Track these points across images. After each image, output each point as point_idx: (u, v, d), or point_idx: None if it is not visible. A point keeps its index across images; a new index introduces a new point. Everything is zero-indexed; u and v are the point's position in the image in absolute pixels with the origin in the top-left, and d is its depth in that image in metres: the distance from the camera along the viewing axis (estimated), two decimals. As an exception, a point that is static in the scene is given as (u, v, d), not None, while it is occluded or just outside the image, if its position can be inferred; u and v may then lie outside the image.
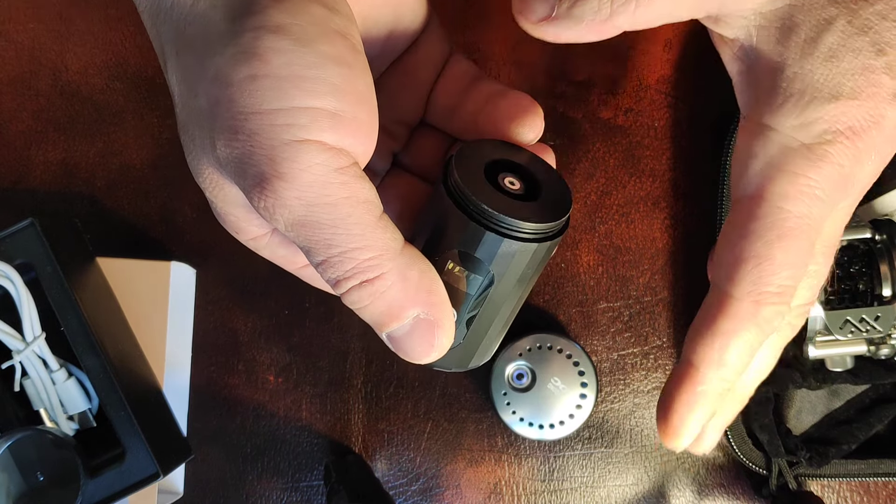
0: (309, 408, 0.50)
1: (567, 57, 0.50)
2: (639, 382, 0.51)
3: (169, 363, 0.48)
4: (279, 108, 0.24)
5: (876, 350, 0.45)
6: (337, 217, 0.25)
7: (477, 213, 0.27)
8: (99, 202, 0.50)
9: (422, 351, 0.27)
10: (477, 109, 0.32)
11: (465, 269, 0.28)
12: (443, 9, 0.50)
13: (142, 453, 0.42)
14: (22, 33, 0.51)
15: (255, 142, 0.24)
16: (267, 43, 0.24)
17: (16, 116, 0.50)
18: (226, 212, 0.29)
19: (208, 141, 0.26)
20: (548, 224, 0.27)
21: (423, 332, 0.27)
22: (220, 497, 0.50)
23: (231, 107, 0.24)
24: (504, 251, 0.27)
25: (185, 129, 0.27)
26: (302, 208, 0.25)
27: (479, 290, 0.28)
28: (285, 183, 0.24)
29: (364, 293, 0.26)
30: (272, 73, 0.24)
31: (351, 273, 0.26)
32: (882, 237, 0.45)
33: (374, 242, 0.26)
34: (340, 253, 0.26)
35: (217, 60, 0.25)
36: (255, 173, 0.25)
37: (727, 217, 0.29)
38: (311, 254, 0.26)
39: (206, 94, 0.25)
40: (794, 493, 0.48)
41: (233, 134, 0.25)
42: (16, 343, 0.42)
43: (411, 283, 0.27)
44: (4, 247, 0.42)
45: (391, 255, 0.26)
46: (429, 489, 0.51)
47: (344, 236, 0.25)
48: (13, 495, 0.39)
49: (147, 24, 0.28)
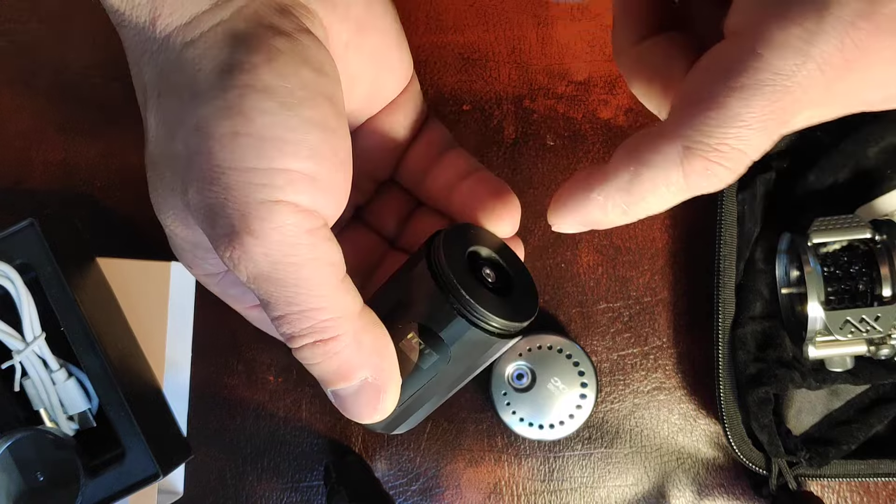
0: (309, 408, 0.50)
1: (567, 57, 0.51)
2: (639, 382, 0.51)
3: (169, 363, 0.48)
4: (257, 168, 0.25)
5: (876, 350, 0.45)
6: (300, 277, 0.25)
7: (454, 296, 0.27)
8: (99, 202, 0.50)
9: (365, 413, 0.28)
10: (449, 183, 0.33)
11: (424, 344, 0.28)
12: (443, 9, 0.51)
13: (142, 453, 0.42)
14: (22, 33, 0.51)
15: (229, 195, 0.25)
16: (253, 103, 0.25)
17: (16, 116, 0.50)
18: (183, 249, 0.29)
19: (180, 184, 0.26)
20: (515, 323, 0.28)
21: (370, 395, 0.28)
22: (220, 497, 0.50)
23: (210, 158, 0.25)
24: (468, 338, 0.28)
25: (154, 167, 0.28)
26: (267, 265, 0.25)
27: (431, 367, 0.29)
28: (254, 239, 0.25)
29: (317, 352, 0.27)
30: (254, 133, 0.25)
31: (307, 331, 0.26)
32: (882, 237, 0.45)
33: (334, 304, 0.26)
34: (299, 311, 0.26)
35: (201, 111, 0.25)
36: (225, 224, 0.25)
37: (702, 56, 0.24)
38: (270, 308, 0.26)
39: (185, 141, 0.25)
40: (794, 493, 0.48)
41: (208, 184, 0.25)
42: (16, 343, 0.42)
43: (364, 347, 0.27)
44: (4, 247, 0.42)
45: (349, 318, 0.27)
46: (429, 489, 0.51)
47: (305, 296, 0.26)
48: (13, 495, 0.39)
49: (130, 61, 0.28)
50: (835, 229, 0.45)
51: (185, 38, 0.26)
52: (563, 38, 0.50)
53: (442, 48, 0.50)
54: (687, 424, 0.51)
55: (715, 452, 0.51)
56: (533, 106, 0.50)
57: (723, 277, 0.47)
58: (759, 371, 0.47)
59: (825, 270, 0.45)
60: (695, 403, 0.51)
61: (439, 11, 0.51)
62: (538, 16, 0.50)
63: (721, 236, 0.47)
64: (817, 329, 0.45)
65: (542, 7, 0.50)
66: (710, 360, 0.48)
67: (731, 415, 0.47)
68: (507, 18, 0.51)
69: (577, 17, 0.50)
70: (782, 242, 0.47)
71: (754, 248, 0.48)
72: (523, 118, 0.50)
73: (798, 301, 0.47)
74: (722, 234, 0.47)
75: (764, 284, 0.48)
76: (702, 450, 0.51)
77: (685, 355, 0.51)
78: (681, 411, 0.51)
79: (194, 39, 0.26)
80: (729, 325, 0.47)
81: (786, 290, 0.48)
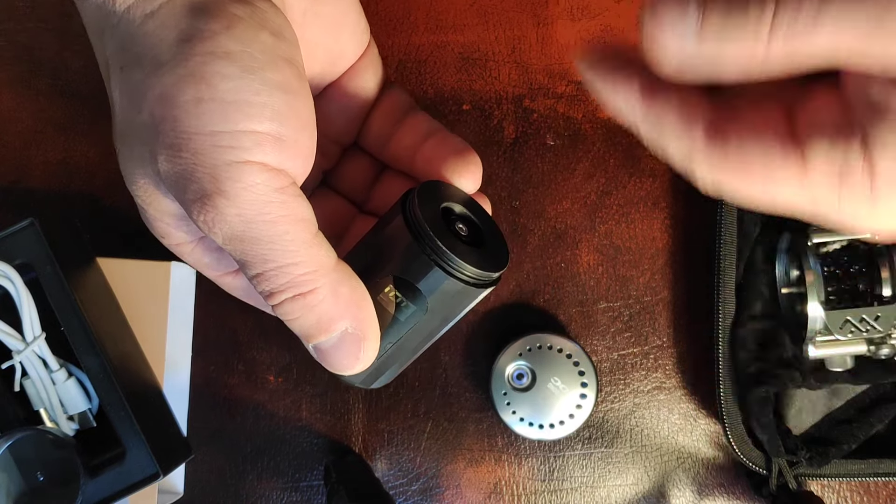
0: (309, 408, 0.50)
1: (567, 57, 0.50)
2: (639, 382, 0.51)
3: (169, 363, 0.48)
4: (223, 131, 0.25)
5: (876, 350, 0.45)
6: (274, 234, 0.26)
7: (431, 247, 0.28)
8: (99, 202, 0.50)
9: (347, 363, 0.29)
10: (413, 145, 0.34)
11: (401, 296, 0.29)
12: (443, 9, 0.51)
13: (142, 453, 0.42)
14: (22, 33, 0.51)
15: (198, 160, 0.25)
16: (215, 68, 0.25)
17: (16, 116, 0.50)
18: (155, 218, 0.30)
19: (148, 154, 0.27)
20: (489, 272, 0.29)
21: (350, 345, 0.28)
22: (220, 497, 0.50)
23: (176, 126, 0.25)
24: (445, 288, 0.29)
25: (123, 140, 0.28)
26: (241, 224, 0.26)
27: (408, 319, 0.30)
28: (226, 200, 0.25)
29: (296, 306, 0.27)
30: (218, 98, 0.25)
31: (285, 286, 0.27)
32: (882, 237, 0.45)
33: (309, 258, 0.27)
34: (276, 267, 0.27)
35: (164, 80, 0.26)
36: (197, 189, 0.26)
37: None
38: (247, 267, 0.27)
39: (150, 112, 0.26)
40: (794, 493, 0.48)
41: (176, 151, 0.26)
42: (16, 343, 0.42)
43: (342, 298, 0.28)
44: (4, 247, 0.42)
45: (325, 271, 0.27)
46: (429, 489, 0.51)
47: (280, 252, 0.26)
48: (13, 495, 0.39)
49: (92, 37, 0.29)
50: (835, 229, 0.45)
51: (145, 10, 0.26)
52: (563, 38, 0.50)
53: (442, 48, 0.50)
54: (687, 424, 0.51)
55: (715, 452, 0.51)
56: (533, 106, 0.50)
57: (723, 277, 0.47)
58: (760, 370, 0.47)
59: (825, 270, 0.45)
60: (695, 403, 0.51)
61: (439, 11, 0.51)
62: (538, 15, 0.50)
63: (721, 236, 0.47)
64: (817, 329, 0.45)
65: (542, 7, 0.50)
66: (710, 359, 0.48)
67: (731, 414, 0.47)
68: (507, 18, 0.51)
69: (577, 16, 0.51)
70: (782, 242, 0.47)
71: (754, 248, 0.48)
72: (523, 118, 0.50)
73: (798, 301, 0.47)
74: (722, 234, 0.47)
75: (764, 284, 0.48)
76: (702, 449, 0.51)
77: (685, 355, 0.51)
78: (681, 411, 0.51)
79: (154, 11, 0.26)
80: (729, 324, 0.47)
81: (786, 290, 0.48)
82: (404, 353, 0.31)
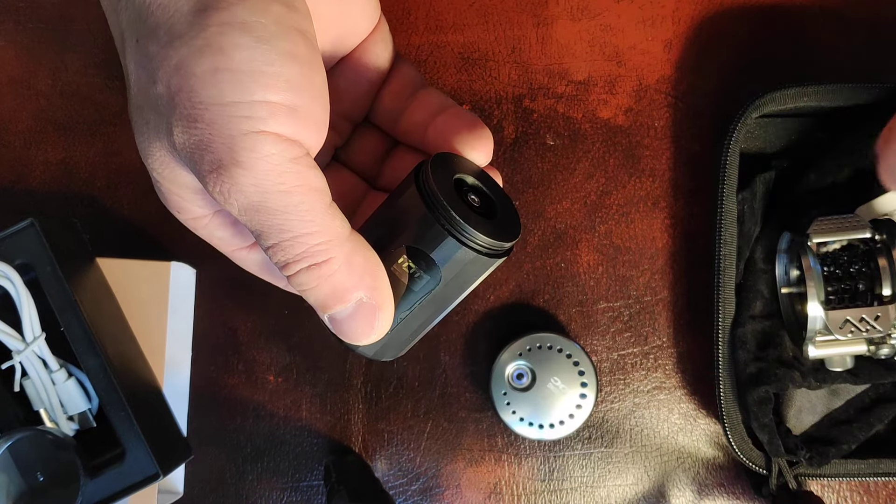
0: (309, 408, 0.50)
1: (567, 57, 0.51)
2: (639, 382, 0.51)
3: (169, 363, 0.48)
4: (239, 101, 0.25)
5: (876, 350, 0.45)
6: (289, 203, 0.26)
7: (444, 217, 0.29)
8: (99, 202, 0.50)
9: (362, 332, 0.29)
10: (425, 120, 0.34)
11: (415, 267, 0.29)
12: (443, 9, 0.51)
13: (142, 453, 0.42)
14: (22, 33, 0.51)
15: (213, 130, 0.26)
16: (230, 38, 0.25)
17: (16, 116, 0.50)
18: (170, 191, 0.30)
19: (164, 126, 0.27)
20: (502, 242, 0.29)
21: (365, 314, 0.29)
22: (220, 497, 0.50)
23: (192, 96, 0.26)
24: (459, 258, 0.29)
25: (139, 112, 0.28)
26: (257, 194, 0.26)
27: (422, 289, 0.30)
28: (242, 170, 0.26)
29: (311, 276, 0.28)
30: (234, 68, 0.25)
31: (300, 256, 0.27)
32: (882, 237, 0.45)
33: (324, 228, 0.27)
34: (292, 237, 0.27)
35: (181, 51, 0.26)
36: (213, 160, 0.26)
37: None
38: (263, 237, 0.27)
39: (166, 83, 0.26)
40: (794, 493, 0.48)
41: (192, 122, 0.26)
42: (16, 343, 0.42)
43: (357, 268, 0.28)
44: (4, 247, 0.42)
45: (339, 241, 0.28)
46: (429, 489, 0.51)
47: (296, 222, 0.27)
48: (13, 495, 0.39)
49: (107, 9, 0.29)
50: (835, 229, 0.45)
51: None
52: (562, 38, 0.50)
53: (442, 48, 0.50)
54: (687, 424, 0.51)
55: (715, 452, 0.51)
56: (533, 105, 0.50)
57: (723, 277, 0.47)
58: (760, 370, 0.47)
59: (825, 270, 0.45)
60: (695, 403, 0.51)
61: (439, 11, 0.51)
62: (538, 15, 0.50)
63: (721, 236, 0.47)
64: (817, 329, 0.45)
65: (542, 7, 0.50)
66: (710, 359, 0.48)
67: (731, 414, 0.47)
68: (507, 18, 0.51)
69: (577, 16, 0.51)
70: (782, 242, 0.47)
71: (754, 248, 0.48)
72: (523, 118, 0.50)
73: (798, 301, 0.47)
74: (722, 234, 0.47)
75: (764, 284, 0.48)
76: (702, 449, 0.51)
77: (685, 355, 0.51)
78: (681, 411, 0.51)
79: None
80: (729, 324, 0.47)
81: (786, 290, 0.48)
82: (417, 323, 0.31)
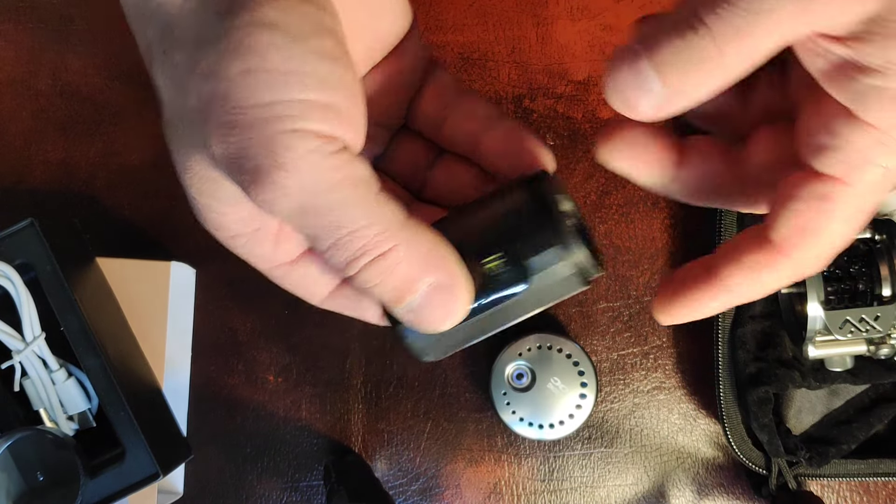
0: (309, 408, 0.50)
1: (567, 57, 0.51)
2: (639, 382, 0.51)
3: (169, 363, 0.48)
4: (273, 102, 0.25)
5: (876, 350, 0.45)
6: (339, 199, 0.25)
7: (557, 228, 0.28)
8: (99, 202, 0.50)
9: (440, 317, 0.28)
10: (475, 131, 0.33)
11: (505, 269, 0.28)
12: (443, 9, 0.51)
13: (142, 453, 0.42)
14: (22, 33, 0.51)
15: (252, 135, 0.25)
16: (261, 38, 0.25)
17: (16, 116, 0.50)
18: (209, 208, 0.29)
19: (200, 138, 0.26)
20: (598, 266, 0.29)
21: (439, 298, 0.27)
22: (220, 497, 0.50)
23: (225, 103, 0.25)
24: (555, 271, 0.28)
25: (173, 128, 0.28)
26: (303, 195, 0.25)
27: (503, 294, 0.29)
28: (285, 172, 0.25)
29: (375, 270, 0.26)
30: (266, 68, 0.25)
31: (361, 251, 0.26)
32: (882, 237, 0.45)
33: (380, 218, 0.26)
34: (349, 233, 0.26)
35: (210, 57, 0.25)
36: (254, 167, 0.25)
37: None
38: (318, 241, 0.26)
39: (197, 92, 0.26)
40: (793, 493, 0.48)
41: (228, 129, 0.25)
42: (16, 343, 0.42)
43: (421, 252, 0.27)
44: (4, 247, 0.42)
45: (398, 228, 0.26)
46: (428, 489, 0.51)
47: (349, 216, 0.26)
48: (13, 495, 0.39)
49: (132, 24, 0.28)
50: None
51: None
52: (562, 38, 0.50)
53: (442, 48, 0.50)
54: (687, 424, 0.51)
55: (715, 452, 0.51)
56: (533, 106, 0.50)
57: (723, 277, 0.47)
58: (759, 370, 0.47)
59: (825, 270, 0.45)
60: (695, 403, 0.51)
61: (439, 11, 0.51)
62: (538, 15, 0.50)
63: (721, 236, 0.47)
64: (817, 329, 0.45)
65: (542, 7, 0.50)
66: (710, 359, 0.48)
67: (730, 414, 0.47)
68: (507, 18, 0.51)
69: (577, 17, 0.51)
70: (782, 242, 0.47)
71: (754, 248, 0.48)
72: (523, 118, 0.50)
73: (798, 301, 0.47)
74: (722, 234, 0.47)
75: (764, 284, 0.48)
76: (702, 449, 0.51)
77: (685, 355, 0.51)
78: (681, 411, 0.51)
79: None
80: (729, 324, 0.47)
81: (786, 290, 0.48)
82: (482, 326, 0.30)
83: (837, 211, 0.25)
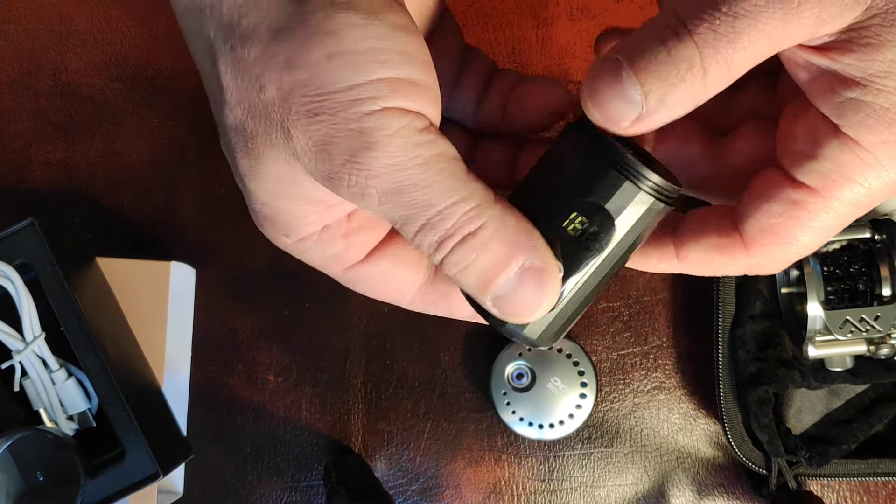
0: (309, 408, 0.50)
1: (567, 57, 0.51)
2: (638, 382, 0.51)
3: (169, 363, 0.48)
4: (358, 83, 0.24)
5: (876, 350, 0.45)
6: (429, 176, 0.25)
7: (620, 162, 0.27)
8: (99, 202, 0.50)
9: (532, 302, 0.27)
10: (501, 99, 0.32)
11: (588, 222, 0.27)
12: (443, 9, 0.51)
13: (142, 453, 0.42)
14: (22, 33, 0.51)
15: (338, 119, 0.24)
16: (339, 20, 0.24)
17: (16, 116, 0.50)
18: (281, 210, 0.28)
19: (278, 133, 0.25)
20: (675, 185, 0.27)
21: (532, 280, 0.26)
22: (220, 497, 0.50)
23: (309, 89, 0.24)
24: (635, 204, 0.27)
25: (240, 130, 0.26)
26: (395, 174, 0.25)
27: (595, 248, 0.28)
28: (375, 152, 0.24)
29: (467, 249, 0.26)
30: (348, 49, 0.24)
31: (453, 229, 0.26)
32: (882, 237, 0.45)
33: (471, 193, 0.26)
34: (440, 211, 0.25)
35: (288, 44, 0.25)
36: (342, 151, 0.25)
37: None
38: (409, 222, 0.26)
39: (276, 83, 0.25)
40: (793, 493, 0.48)
41: (313, 116, 0.25)
42: (16, 343, 0.42)
43: (511, 230, 0.26)
44: (4, 247, 0.42)
45: (488, 204, 0.26)
46: (428, 489, 0.51)
47: (441, 193, 0.25)
48: (13, 495, 0.39)
49: (188, 25, 0.27)
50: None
51: None
52: (562, 39, 0.50)
53: (442, 48, 0.50)
54: (687, 424, 0.51)
55: (715, 452, 0.51)
56: (533, 106, 0.50)
57: (722, 277, 0.47)
58: (759, 370, 0.47)
59: (825, 270, 0.45)
60: (695, 403, 0.51)
61: (439, 11, 0.51)
62: (538, 16, 0.50)
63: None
64: (817, 328, 0.45)
65: (542, 7, 0.50)
66: (710, 359, 0.48)
67: (730, 414, 0.47)
68: (507, 18, 0.51)
69: (577, 17, 0.51)
70: (782, 242, 0.47)
71: (754, 248, 0.48)
72: (523, 118, 0.50)
73: (798, 300, 0.47)
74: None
75: (764, 284, 0.48)
76: (702, 449, 0.51)
77: (685, 355, 0.51)
78: (681, 411, 0.51)
79: None
80: (729, 324, 0.47)
81: (786, 290, 0.48)
82: (589, 289, 0.29)
83: (810, 221, 0.25)
